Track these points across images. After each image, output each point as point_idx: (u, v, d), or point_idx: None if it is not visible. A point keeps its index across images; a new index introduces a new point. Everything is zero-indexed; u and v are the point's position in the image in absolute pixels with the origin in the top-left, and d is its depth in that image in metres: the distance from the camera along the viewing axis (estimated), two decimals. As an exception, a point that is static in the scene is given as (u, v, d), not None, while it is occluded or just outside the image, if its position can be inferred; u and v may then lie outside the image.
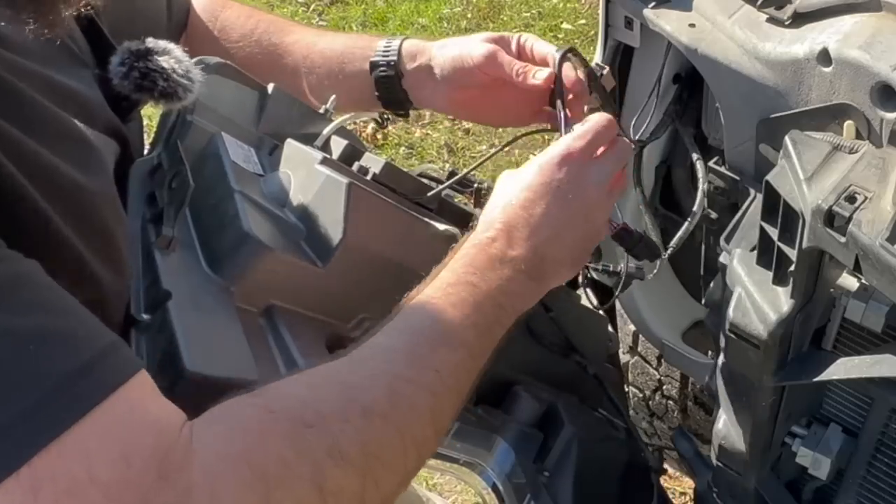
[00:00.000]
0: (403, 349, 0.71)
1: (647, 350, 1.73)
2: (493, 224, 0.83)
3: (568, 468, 1.15)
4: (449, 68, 1.06)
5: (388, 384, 0.68)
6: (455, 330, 0.74)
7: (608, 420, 1.28)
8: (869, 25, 0.93)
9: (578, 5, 3.55)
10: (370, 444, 0.64)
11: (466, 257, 0.81)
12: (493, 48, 1.03)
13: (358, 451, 0.63)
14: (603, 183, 0.88)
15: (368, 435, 0.64)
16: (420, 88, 1.09)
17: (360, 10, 3.70)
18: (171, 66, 0.78)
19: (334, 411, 0.63)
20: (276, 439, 0.60)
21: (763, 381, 1.00)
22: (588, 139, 0.88)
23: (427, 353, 0.71)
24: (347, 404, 0.64)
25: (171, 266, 0.80)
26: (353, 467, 0.62)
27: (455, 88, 1.08)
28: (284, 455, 0.59)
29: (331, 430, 0.62)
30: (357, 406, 0.65)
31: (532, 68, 1.02)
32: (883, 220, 0.80)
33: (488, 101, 1.08)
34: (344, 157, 0.97)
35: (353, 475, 0.62)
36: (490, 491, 1.12)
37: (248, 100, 1.00)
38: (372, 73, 1.08)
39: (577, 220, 0.86)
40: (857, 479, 1.07)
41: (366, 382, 0.67)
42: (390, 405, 0.66)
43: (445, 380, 0.72)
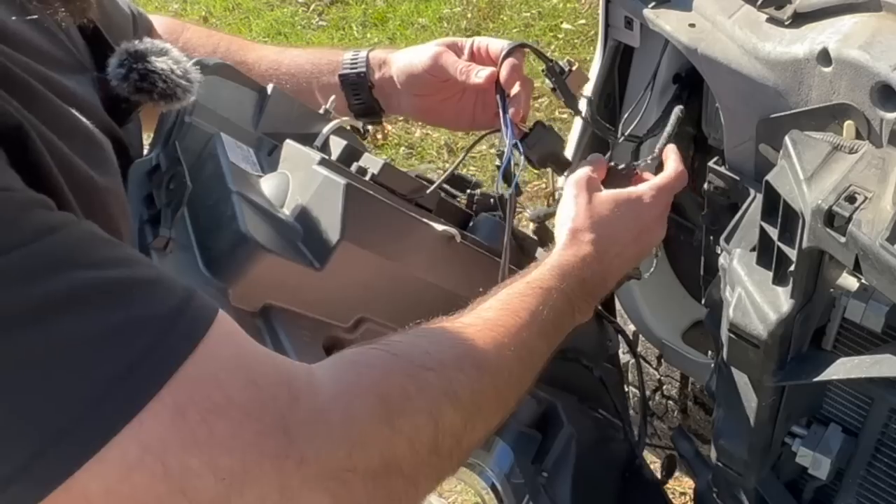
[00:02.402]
0: (507, 326, 0.81)
1: (647, 350, 1.73)
2: (582, 242, 0.98)
3: (566, 469, 1.15)
4: (403, 76, 1.10)
5: (497, 349, 0.77)
6: (543, 322, 0.86)
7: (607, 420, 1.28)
8: (869, 25, 0.93)
9: (578, 5, 3.55)
10: (477, 393, 0.73)
11: (557, 263, 0.94)
12: (438, 51, 1.08)
13: (468, 397, 0.71)
14: (661, 217, 1.06)
15: (477, 385, 0.73)
16: (388, 97, 1.12)
17: (360, 10, 3.70)
18: (169, 66, 0.78)
19: (451, 360, 0.72)
20: (399, 375, 0.67)
21: (763, 381, 1.00)
22: (664, 193, 1.05)
23: (524, 335, 0.82)
24: (463, 357, 0.74)
25: (166, 267, 0.79)
26: (463, 410, 0.70)
27: (414, 95, 1.12)
28: (407, 389, 0.66)
29: (448, 375, 0.70)
30: (470, 360, 0.74)
31: (475, 67, 1.06)
32: (883, 220, 0.80)
33: (450, 106, 1.13)
34: (343, 157, 0.96)
35: (461, 417, 0.70)
36: (489, 491, 1.12)
37: (246, 100, 1.00)
38: (343, 85, 1.11)
39: (638, 246, 1.04)
40: (857, 479, 1.07)
41: (478, 343, 0.76)
42: (496, 367, 0.76)
43: (533, 361, 0.84)
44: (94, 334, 0.53)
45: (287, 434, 0.58)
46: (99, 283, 0.54)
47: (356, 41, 3.56)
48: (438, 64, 1.07)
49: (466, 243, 1.03)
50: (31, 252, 0.52)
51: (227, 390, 0.57)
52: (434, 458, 0.68)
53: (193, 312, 0.58)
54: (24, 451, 0.51)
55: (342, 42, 3.57)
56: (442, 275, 1.00)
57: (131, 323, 0.54)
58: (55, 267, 0.53)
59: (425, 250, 0.98)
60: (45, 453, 0.51)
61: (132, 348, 0.54)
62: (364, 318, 0.94)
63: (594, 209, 1.01)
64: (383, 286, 0.95)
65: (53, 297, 0.52)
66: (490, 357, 0.77)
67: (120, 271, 0.56)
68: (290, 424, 0.59)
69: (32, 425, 0.52)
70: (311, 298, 0.89)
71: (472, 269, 1.04)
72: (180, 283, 0.59)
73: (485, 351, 0.76)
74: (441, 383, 0.69)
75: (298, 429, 0.59)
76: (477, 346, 0.76)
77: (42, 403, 0.51)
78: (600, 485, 1.24)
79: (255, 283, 0.83)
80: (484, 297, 0.86)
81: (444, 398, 0.69)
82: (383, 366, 0.68)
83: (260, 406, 0.58)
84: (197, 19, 3.81)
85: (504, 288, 0.88)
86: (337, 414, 0.61)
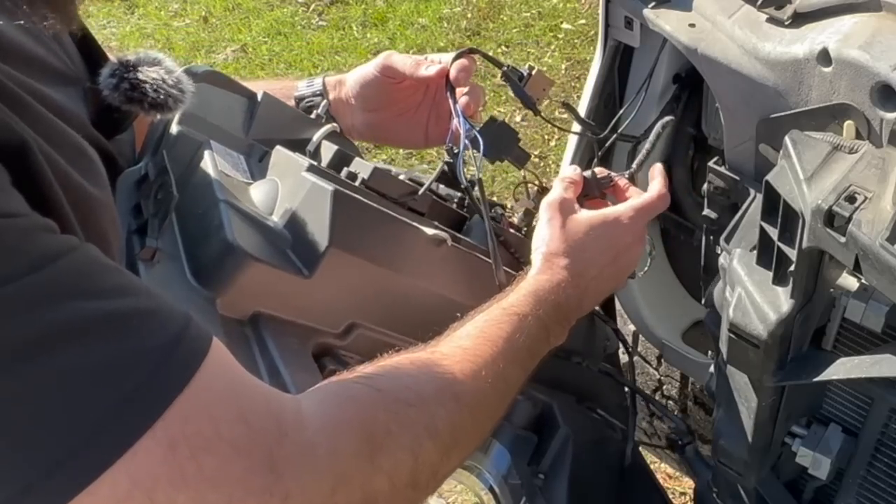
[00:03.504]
0: (484, 356, 0.81)
1: (647, 350, 1.73)
2: (557, 266, 0.97)
3: (563, 470, 1.15)
4: (357, 86, 1.12)
5: (474, 381, 0.78)
6: (519, 350, 0.86)
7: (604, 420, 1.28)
8: (869, 25, 0.93)
9: (578, 5, 3.55)
10: (456, 426, 0.74)
11: (532, 289, 0.93)
12: (388, 53, 1.11)
13: (447, 431, 0.73)
14: (639, 238, 1.05)
15: (456, 418, 0.74)
16: (342, 116, 1.13)
17: (360, 10, 3.70)
18: (160, 76, 0.78)
19: (432, 395, 0.73)
20: (382, 412, 0.68)
21: (763, 381, 1.00)
22: (643, 214, 1.05)
23: (501, 365, 0.82)
24: (442, 390, 0.75)
25: (154, 278, 0.79)
26: (442, 444, 0.72)
27: (367, 111, 1.13)
28: (390, 426, 0.68)
29: (428, 411, 0.72)
30: (450, 393, 0.75)
31: (425, 62, 1.08)
32: (883, 220, 0.80)
33: (403, 122, 1.14)
34: (333, 162, 0.96)
35: (439, 451, 0.71)
36: (487, 492, 1.13)
37: (237, 107, 1.00)
38: (299, 106, 1.11)
39: (615, 267, 1.02)
40: (857, 479, 1.07)
41: (458, 375, 0.77)
42: (473, 398, 0.77)
43: (508, 389, 0.84)
44: (92, 367, 0.53)
45: (274, 470, 0.59)
46: (99, 314, 0.54)
47: (356, 41, 3.57)
48: (388, 63, 1.09)
49: (458, 246, 1.02)
50: (32, 282, 0.52)
51: (218, 426, 0.57)
52: (411, 492, 0.69)
53: (190, 343, 0.58)
54: (17, 484, 0.51)
55: (342, 42, 3.57)
56: (434, 278, 1.00)
57: (129, 355, 0.55)
58: (56, 297, 0.53)
59: (416, 254, 0.97)
60: (36, 487, 0.52)
61: (129, 380, 0.54)
62: (355, 324, 0.94)
63: (568, 233, 1.00)
64: (374, 291, 0.94)
65: (53, 328, 0.52)
66: (468, 389, 0.77)
67: (119, 302, 0.56)
68: (277, 460, 0.59)
69: (26, 458, 0.52)
70: (301, 305, 0.88)
71: (466, 272, 1.03)
72: (178, 311, 0.59)
73: (463, 383, 0.77)
74: (422, 419, 0.71)
75: (285, 465, 0.60)
76: (456, 379, 0.77)
77: (37, 436, 0.52)
78: (597, 485, 1.24)
79: (243, 292, 0.83)
80: (461, 323, 0.86)
81: (424, 433, 0.70)
82: (367, 402, 0.69)
83: (249, 442, 0.59)
84: (197, 19, 3.81)
85: (480, 314, 0.88)
86: (322, 449, 0.62)
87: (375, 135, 1.18)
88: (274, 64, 3.52)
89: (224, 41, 3.68)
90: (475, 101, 1.06)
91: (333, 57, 3.51)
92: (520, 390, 0.88)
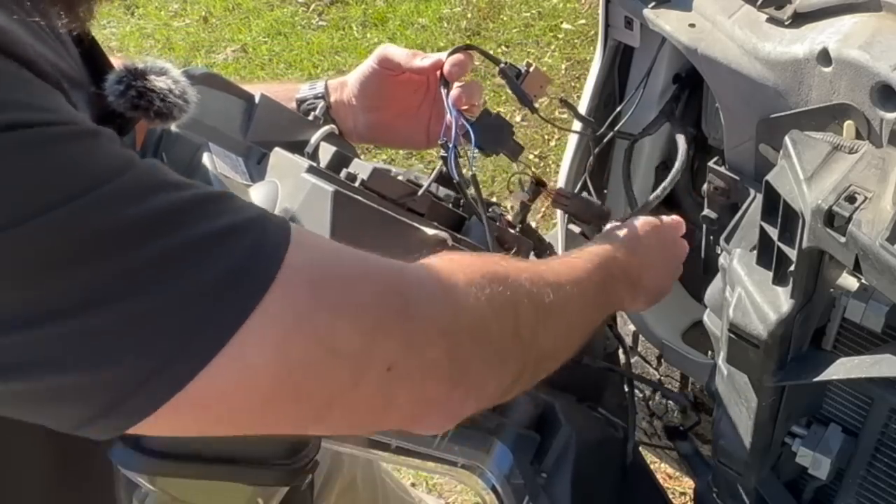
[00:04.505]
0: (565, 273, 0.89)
1: (647, 350, 1.73)
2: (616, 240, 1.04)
3: (566, 469, 1.15)
4: (357, 85, 1.12)
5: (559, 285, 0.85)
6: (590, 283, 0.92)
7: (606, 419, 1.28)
8: (869, 25, 0.93)
9: (578, 5, 3.55)
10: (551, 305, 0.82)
11: (595, 249, 0.99)
12: (385, 46, 1.12)
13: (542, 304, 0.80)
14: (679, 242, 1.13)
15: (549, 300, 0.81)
16: (344, 120, 1.13)
17: (360, 10, 3.70)
18: (168, 86, 0.79)
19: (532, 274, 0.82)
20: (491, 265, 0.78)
21: (763, 381, 1.00)
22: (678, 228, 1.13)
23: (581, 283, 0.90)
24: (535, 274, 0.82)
25: None
26: (536, 312, 0.79)
27: (369, 111, 1.13)
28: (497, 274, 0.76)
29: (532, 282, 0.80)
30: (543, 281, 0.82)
31: (421, 54, 1.09)
32: (883, 220, 0.80)
33: (404, 122, 1.15)
34: (332, 164, 0.96)
35: (534, 317, 0.79)
36: (490, 492, 1.13)
37: (234, 109, 1.00)
38: (300, 108, 1.11)
39: (665, 264, 1.11)
40: (857, 479, 1.07)
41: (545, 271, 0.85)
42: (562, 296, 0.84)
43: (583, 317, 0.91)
44: (213, 235, 0.58)
45: (402, 295, 0.67)
46: (198, 195, 0.59)
47: (356, 41, 3.57)
48: (385, 55, 1.10)
49: (458, 246, 1.02)
50: (135, 175, 0.56)
51: (342, 266, 0.66)
52: (516, 342, 0.77)
53: (273, 217, 0.63)
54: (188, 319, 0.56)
55: (342, 42, 3.57)
56: None
57: (234, 225, 0.59)
58: (155, 188, 0.57)
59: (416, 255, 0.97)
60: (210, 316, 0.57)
61: (242, 246, 0.58)
62: None
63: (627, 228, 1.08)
64: None
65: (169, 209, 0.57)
66: (559, 284, 0.85)
67: (205, 188, 0.61)
68: (401, 288, 0.67)
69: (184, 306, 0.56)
70: None
71: None
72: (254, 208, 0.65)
73: (558, 280, 0.85)
74: (528, 287, 0.79)
75: (410, 291, 0.68)
76: (547, 275, 0.84)
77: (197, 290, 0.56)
78: (600, 484, 1.24)
79: None
80: None
81: (524, 296, 0.78)
82: (480, 257, 0.81)
83: (375, 274, 0.67)
84: (197, 19, 3.81)
85: None
86: (437, 282, 0.70)
87: (377, 136, 1.19)
88: (274, 64, 3.53)
89: (224, 41, 3.68)
90: (468, 94, 1.06)
91: (333, 57, 3.51)
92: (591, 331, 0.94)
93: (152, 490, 0.77)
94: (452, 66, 1.06)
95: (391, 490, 1.52)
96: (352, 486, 1.37)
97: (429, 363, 0.68)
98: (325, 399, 0.64)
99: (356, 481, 1.38)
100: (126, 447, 0.74)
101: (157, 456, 0.74)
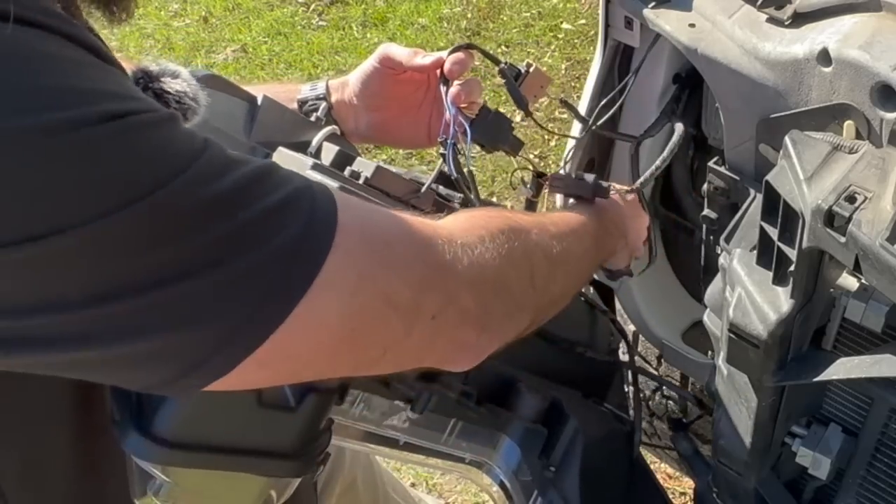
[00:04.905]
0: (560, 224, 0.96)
1: (647, 350, 1.73)
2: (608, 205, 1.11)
3: (573, 462, 1.16)
4: (359, 85, 1.13)
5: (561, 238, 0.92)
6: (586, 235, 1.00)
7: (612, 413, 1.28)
8: (869, 25, 0.93)
9: (578, 5, 3.55)
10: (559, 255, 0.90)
11: (596, 210, 1.07)
12: (386, 45, 1.13)
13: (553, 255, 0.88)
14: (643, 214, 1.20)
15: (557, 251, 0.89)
16: (345, 120, 1.13)
17: (360, 10, 3.70)
18: (182, 89, 0.82)
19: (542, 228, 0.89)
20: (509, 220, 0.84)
21: (763, 381, 1.00)
22: None
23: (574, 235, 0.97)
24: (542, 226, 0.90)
25: None
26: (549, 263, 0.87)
27: (370, 111, 1.13)
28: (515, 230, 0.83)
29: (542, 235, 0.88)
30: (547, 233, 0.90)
31: (422, 52, 1.10)
32: (883, 220, 0.80)
33: (405, 122, 1.15)
34: (335, 162, 0.96)
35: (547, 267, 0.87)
36: (498, 488, 1.13)
37: (238, 110, 1.00)
38: (301, 109, 1.12)
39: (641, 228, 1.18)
40: (857, 479, 1.07)
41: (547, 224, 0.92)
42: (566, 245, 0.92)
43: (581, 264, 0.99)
44: (277, 206, 0.62)
45: (438, 251, 0.72)
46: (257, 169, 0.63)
47: (356, 41, 3.57)
48: (386, 54, 1.10)
49: None
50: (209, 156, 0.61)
51: (385, 226, 0.71)
52: (531, 290, 0.84)
53: (315, 183, 0.67)
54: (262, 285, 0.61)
55: (342, 42, 3.57)
56: None
57: (291, 195, 0.64)
58: (224, 168, 0.62)
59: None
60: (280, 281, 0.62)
61: (301, 214, 0.63)
62: None
63: None
64: None
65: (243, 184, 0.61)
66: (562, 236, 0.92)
67: (256, 161, 0.65)
68: (436, 244, 0.72)
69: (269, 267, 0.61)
70: None
71: None
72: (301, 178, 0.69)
73: (559, 233, 0.92)
74: (537, 240, 0.86)
75: (443, 246, 0.73)
76: (552, 228, 0.91)
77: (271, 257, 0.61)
78: (607, 477, 1.24)
79: None
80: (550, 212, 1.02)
81: (537, 249, 0.86)
82: (495, 212, 0.86)
83: (413, 232, 0.72)
84: (197, 19, 3.81)
85: None
86: (463, 238, 0.75)
87: (379, 135, 1.19)
88: (274, 64, 3.53)
89: (224, 41, 3.68)
90: (467, 92, 1.07)
91: (333, 57, 3.51)
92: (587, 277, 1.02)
93: (166, 480, 0.78)
94: (452, 65, 1.07)
95: (392, 491, 1.52)
96: (352, 486, 1.37)
97: (463, 311, 0.74)
98: (381, 347, 0.70)
99: (357, 482, 1.38)
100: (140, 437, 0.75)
101: (170, 446, 0.75)
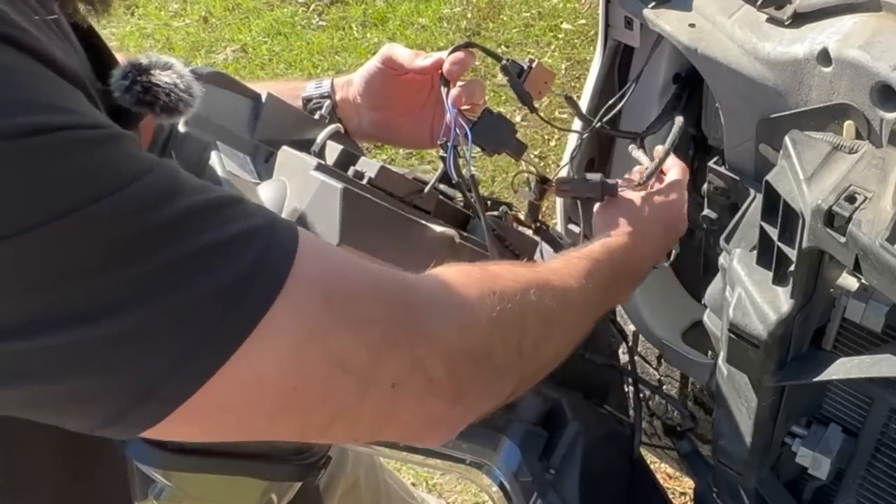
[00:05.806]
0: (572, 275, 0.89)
1: (647, 350, 1.73)
2: (622, 230, 1.04)
3: (574, 465, 1.15)
4: (362, 84, 1.13)
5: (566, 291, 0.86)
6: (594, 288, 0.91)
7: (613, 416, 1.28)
8: (869, 25, 0.93)
9: (578, 5, 3.55)
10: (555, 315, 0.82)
11: (604, 242, 1.00)
12: (390, 45, 1.13)
13: (547, 316, 0.81)
14: (682, 209, 1.10)
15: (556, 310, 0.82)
16: (348, 119, 1.14)
17: (360, 10, 3.70)
18: (173, 80, 0.78)
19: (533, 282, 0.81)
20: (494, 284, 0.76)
21: (763, 381, 1.00)
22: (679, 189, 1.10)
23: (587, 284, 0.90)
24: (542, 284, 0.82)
25: None
26: (543, 325, 0.80)
27: (373, 110, 1.13)
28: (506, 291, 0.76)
29: (530, 295, 0.79)
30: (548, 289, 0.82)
31: (423, 53, 1.09)
32: (883, 220, 0.80)
33: (408, 122, 1.15)
34: (339, 162, 0.96)
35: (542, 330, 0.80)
36: (498, 489, 1.13)
37: (242, 108, 1.00)
38: (306, 107, 1.11)
39: (666, 239, 1.10)
40: (857, 479, 1.07)
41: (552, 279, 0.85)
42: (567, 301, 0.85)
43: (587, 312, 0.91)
44: (224, 242, 0.57)
45: (410, 311, 0.67)
46: (211, 200, 0.59)
47: (356, 41, 3.57)
48: (389, 54, 1.10)
49: (466, 244, 1.02)
50: (150, 180, 0.56)
51: (351, 278, 0.64)
52: (518, 359, 0.77)
53: (282, 223, 0.62)
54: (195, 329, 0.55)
55: (342, 42, 3.57)
56: None
57: (244, 232, 0.59)
58: (169, 194, 0.57)
59: (425, 252, 0.97)
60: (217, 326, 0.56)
61: (249, 253, 0.58)
62: None
63: (627, 208, 1.08)
64: None
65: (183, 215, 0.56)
66: (561, 290, 0.85)
67: (217, 191, 0.61)
68: (410, 303, 0.67)
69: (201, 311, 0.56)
70: None
71: None
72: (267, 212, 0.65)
73: (563, 287, 0.85)
74: (535, 300, 0.79)
75: (418, 306, 0.68)
76: (551, 279, 0.85)
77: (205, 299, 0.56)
78: (607, 480, 1.24)
79: None
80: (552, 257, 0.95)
81: (530, 309, 0.78)
82: (492, 268, 0.79)
83: (384, 287, 0.66)
84: (197, 19, 3.81)
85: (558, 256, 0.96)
86: (446, 299, 0.70)
87: (381, 134, 1.19)
88: (274, 64, 3.53)
89: (224, 41, 3.68)
90: (468, 94, 1.06)
91: (333, 57, 3.51)
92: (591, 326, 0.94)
93: (167, 485, 0.77)
94: (452, 65, 1.06)
95: (394, 491, 1.52)
96: (355, 486, 1.37)
97: (430, 381, 0.67)
98: (329, 413, 0.64)
99: (359, 482, 1.38)
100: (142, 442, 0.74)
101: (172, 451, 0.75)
